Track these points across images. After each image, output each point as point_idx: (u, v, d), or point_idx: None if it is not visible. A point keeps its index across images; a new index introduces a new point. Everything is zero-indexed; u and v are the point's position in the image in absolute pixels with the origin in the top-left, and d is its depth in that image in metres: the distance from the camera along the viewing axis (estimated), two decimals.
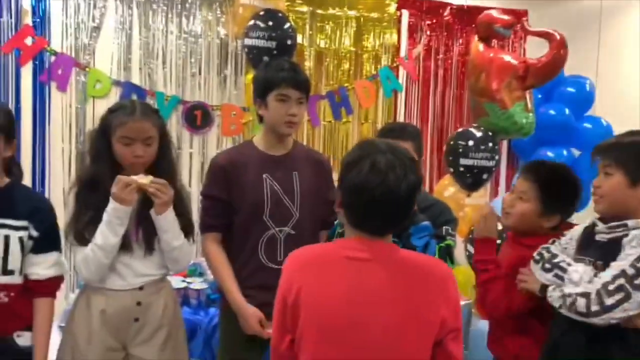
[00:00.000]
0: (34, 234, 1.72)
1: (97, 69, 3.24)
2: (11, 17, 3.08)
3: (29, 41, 3.11)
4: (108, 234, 1.73)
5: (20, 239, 1.69)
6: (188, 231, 1.87)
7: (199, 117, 3.40)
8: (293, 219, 1.91)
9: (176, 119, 3.38)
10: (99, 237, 1.73)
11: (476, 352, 2.33)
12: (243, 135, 3.47)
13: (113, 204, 1.71)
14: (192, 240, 1.90)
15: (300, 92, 1.88)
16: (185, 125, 3.40)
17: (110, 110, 1.82)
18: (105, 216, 1.72)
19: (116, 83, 3.25)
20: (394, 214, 1.23)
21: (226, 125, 3.45)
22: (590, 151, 1.64)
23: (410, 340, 1.21)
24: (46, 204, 1.81)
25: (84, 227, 1.76)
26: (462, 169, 3.04)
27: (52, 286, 1.78)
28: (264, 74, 1.93)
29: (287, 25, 3.16)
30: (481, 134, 3.04)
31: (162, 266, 1.87)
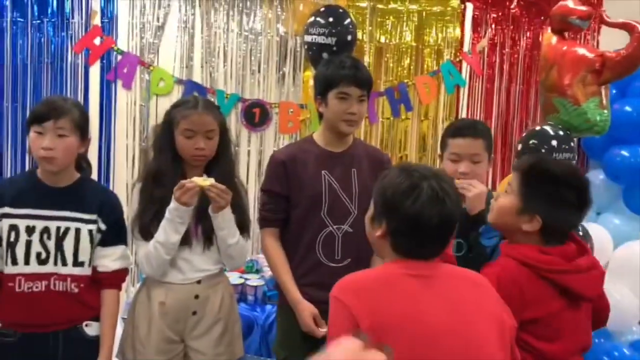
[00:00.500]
0: (103, 227, 1.79)
1: (161, 67, 3.34)
2: (82, 18, 3.23)
3: (97, 41, 3.24)
4: (170, 231, 1.77)
5: (90, 231, 1.77)
6: (244, 228, 1.91)
7: (257, 115, 3.44)
8: (351, 216, 1.91)
9: (235, 116, 3.43)
10: (161, 234, 1.79)
11: None
12: (300, 132, 3.48)
13: (175, 204, 1.76)
14: (247, 237, 1.94)
15: (362, 90, 1.88)
16: (244, 123, 3.45)
17: (174, 105, 1.89)
18: (167, 214, 1.77)
19: (178, 81, 3.34)
20: (448, 238, 1.27)
21: (283, 123, 3.47)
22: None
23: (496, 348, 1.22)
24: (114, 199, 1.88)
25: (148, 222, 1.82)
26: None
27: (118, 278, 1.85)
28: (325, 71, 1.93)
29: (347, 21, 3.14)
30: (562, 132, 2.84)
31: (219, 261, 1.92)
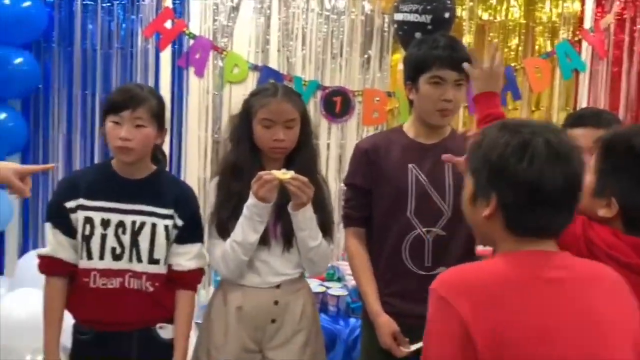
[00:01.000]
0: (179, 223, 1.81)
1: (235, 52, 3.27)
2: (152, 0, 3.19)
3: (168, 24, 3.20)
4: (248, 230, 1.78)
5: (166, 227, 1.78)
6: (326, 230, 1.88)
7: (338, 104, 3.33)
8: (443, 217, 1.83)
9: (314, 105, 3.32)
10: (238, 233, 1.79)
11: None
12: (387, 124, 3.34)
13: (253, 200, 1.75)
14: (331, 241, 1.91)
15: (459, 73, 1.80)
16: (324, 113, 3.34)
17: (252, 94, 1.91)
18: (245, 211, 1.77)
19: (254, 67, 3.27)
20: (576, 205, 1.12)
21: (368, 113, 3.33)
22: None
23: None
24: (190, 192, 1.90)
25: (226, 218, 1.83)
26: None
27: (193, 278, 1.86)
28: (416, 52, 1.87)
29: None
30: None
31: (299, 265, 1.90)
